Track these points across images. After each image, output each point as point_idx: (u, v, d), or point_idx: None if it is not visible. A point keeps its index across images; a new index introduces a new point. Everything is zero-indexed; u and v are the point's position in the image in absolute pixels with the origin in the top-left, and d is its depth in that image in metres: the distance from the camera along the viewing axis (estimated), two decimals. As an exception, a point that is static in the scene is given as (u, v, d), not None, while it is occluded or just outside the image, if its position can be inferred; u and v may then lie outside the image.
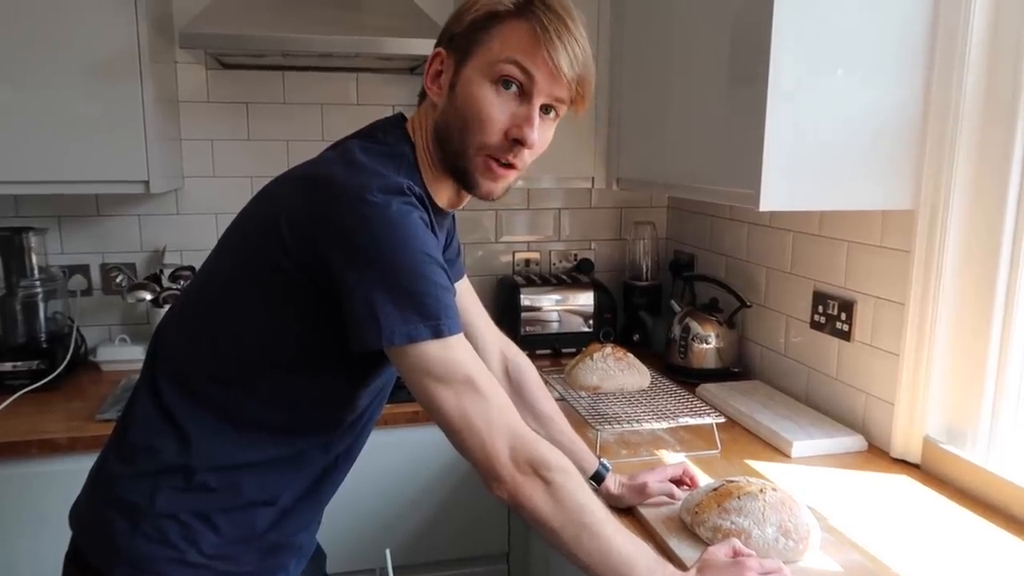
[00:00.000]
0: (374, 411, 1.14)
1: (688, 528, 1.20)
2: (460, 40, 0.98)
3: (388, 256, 0.87)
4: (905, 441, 1.50)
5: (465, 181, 1.01)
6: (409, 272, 0.88)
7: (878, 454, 1.55)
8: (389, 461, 1.83)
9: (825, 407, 1.73)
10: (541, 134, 0.98)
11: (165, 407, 0.99)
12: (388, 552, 1.45)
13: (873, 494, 1.38)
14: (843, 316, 1.66)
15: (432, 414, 0.92)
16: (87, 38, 1.75)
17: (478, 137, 0.97)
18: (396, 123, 1.04)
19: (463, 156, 0.98)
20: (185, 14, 2.02)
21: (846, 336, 1.66)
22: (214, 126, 2.18)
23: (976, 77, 1.34)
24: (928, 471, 1.46)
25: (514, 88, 0.96)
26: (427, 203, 0.96)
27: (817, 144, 1.36)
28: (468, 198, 1.08)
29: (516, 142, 0.97)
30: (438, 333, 0.89)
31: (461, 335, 0.92)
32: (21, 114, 1.74)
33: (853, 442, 1.57)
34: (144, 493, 0.97)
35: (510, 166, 0.99)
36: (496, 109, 0.96)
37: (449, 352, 0.90)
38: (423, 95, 1.05)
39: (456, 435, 0.92)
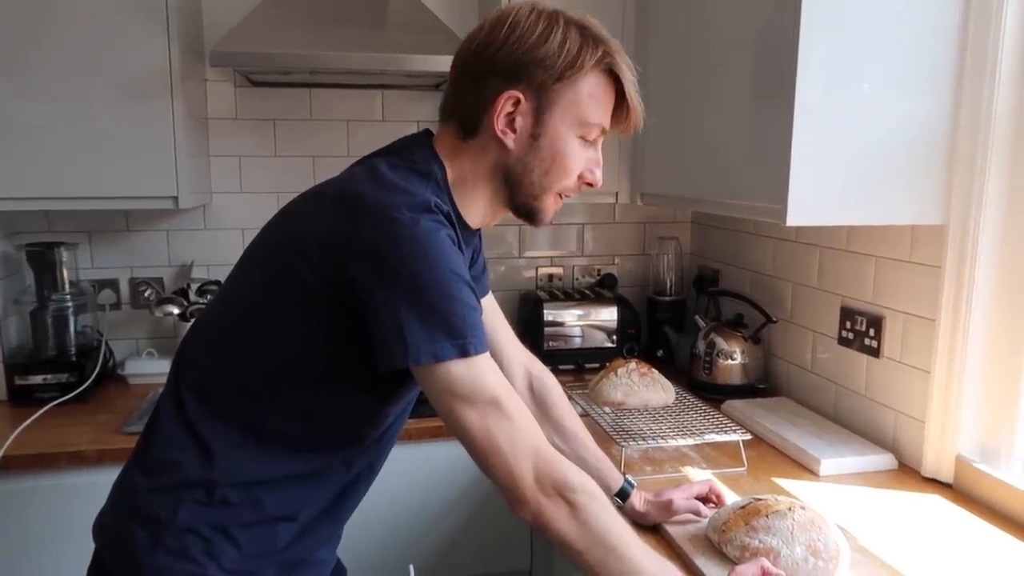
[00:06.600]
0: (396, 428, 1.14)
1: (715, 546, 1.19)
2: (544, 89, 0.99)
3: (415, 274, 0.88)
4: (937, 460, 1.47)
5: (532, 216, 1.07)
6: (436, 291, 0.88)
7: (909, 473, 1.52)
8: (412, 476, 1.83)
9: (854, 424, 1.70)
10: None
11: (188, 421, 1.00)
12: (412, 568, 1.45)
13: (904, 514, 1.36)
14: (871, 332, 1.64)
15: (457, 434, 0.92)
16: (119, 57, 1.78)
17: (561, 182, 1.05)
18: (422, 140, 1.05)
19: (540, 197, 1.05)
20: (215, 32, 2.05)
21: (875, 352, 1.63)
22: (242, 142, 2.21)
23: (1007, 88, 1.33)
24: (960, 490, 1.43)
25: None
26: (454, 221, 0.96)
27: (845, 158, 1.34)
28: (499, 218, 1.09)
29: (588, 184, 1.07)
30: (464, 352, 0.89)
31: (487, 354, 0.92)
32: (53, 131, 1.77)
33: (883, 460, 1.54)
34: (166, 507, 0.98)
35: None
36: (580, 159, 1.05)
37: (475, 371, 0.90)
38: (454, 116, 1.04)
39: (480, 456, 0.91)
